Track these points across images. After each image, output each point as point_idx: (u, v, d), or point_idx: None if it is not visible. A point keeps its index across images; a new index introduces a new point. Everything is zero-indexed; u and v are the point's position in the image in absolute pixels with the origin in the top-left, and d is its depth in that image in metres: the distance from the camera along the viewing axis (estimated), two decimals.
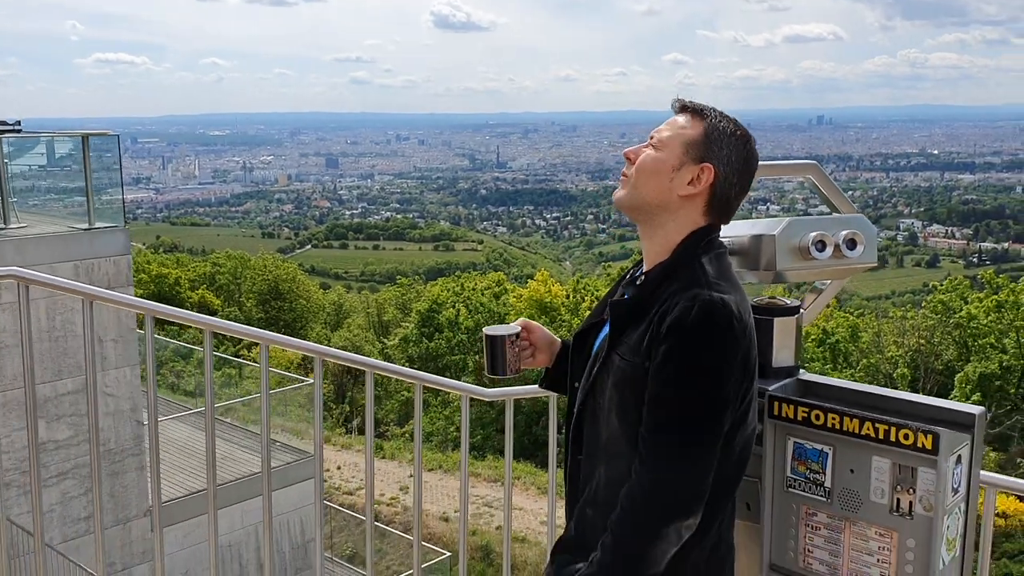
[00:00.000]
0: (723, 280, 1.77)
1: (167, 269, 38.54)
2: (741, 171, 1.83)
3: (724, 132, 1.81)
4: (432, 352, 28.32)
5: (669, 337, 1.69)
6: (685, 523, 1.72)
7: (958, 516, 1.89)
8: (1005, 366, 23.94)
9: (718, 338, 1.70)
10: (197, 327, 2.75)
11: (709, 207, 1.83)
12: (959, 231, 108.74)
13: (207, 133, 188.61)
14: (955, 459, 1.84)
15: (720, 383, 1.71)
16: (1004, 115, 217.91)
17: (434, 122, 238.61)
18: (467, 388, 2.83)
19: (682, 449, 1.71)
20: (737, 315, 1.71)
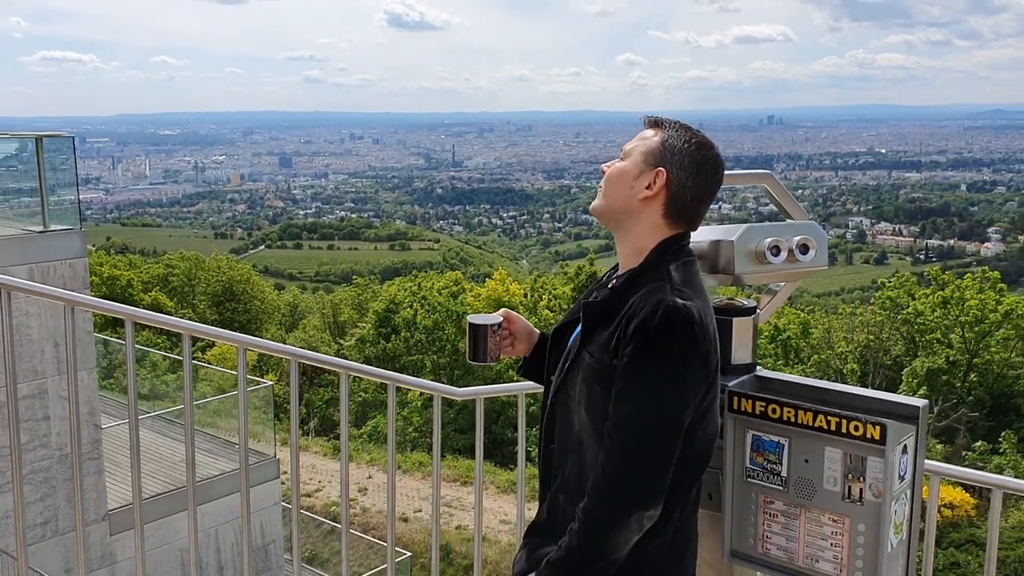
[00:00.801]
0: (687, 287, 1.87)
1: (119, 271, 37.95)
2: (695, 175, 1.91)
3: (679, 139, 1.92)
4: (390, 353, 28.21)
5: (634, 339, 1.80)
6: (646, 513, 1.83)
7: (904, 502, 2.03)
8: (951, 361, 24.51)
9: (678, 341, 1.80)
10: (175, 331, 2.80)
11: (667, 210, 1.93)
12: (906, 229, 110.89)
13: (158, 132, 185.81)
14: (901, 449, 1.97)
15: (680, 383, 1.82)
16: (949, 115, 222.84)
17: (389, 121, 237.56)
18: (439, 388, 2.89)
19: (644, 444, 1.81)
20: (698, 320, 1.81)
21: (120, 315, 2.61)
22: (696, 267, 1.96)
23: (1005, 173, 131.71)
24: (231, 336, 2.80)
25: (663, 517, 1.87)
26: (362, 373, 3.06)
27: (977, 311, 24.74)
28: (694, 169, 1.91)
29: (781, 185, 2.30)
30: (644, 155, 1.94)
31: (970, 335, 24.86)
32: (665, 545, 1.93)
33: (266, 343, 2.97)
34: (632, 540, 1.84)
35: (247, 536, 3.00)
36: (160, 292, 37.54)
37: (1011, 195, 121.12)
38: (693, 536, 2.02)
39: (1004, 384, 24.92)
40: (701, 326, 1.82)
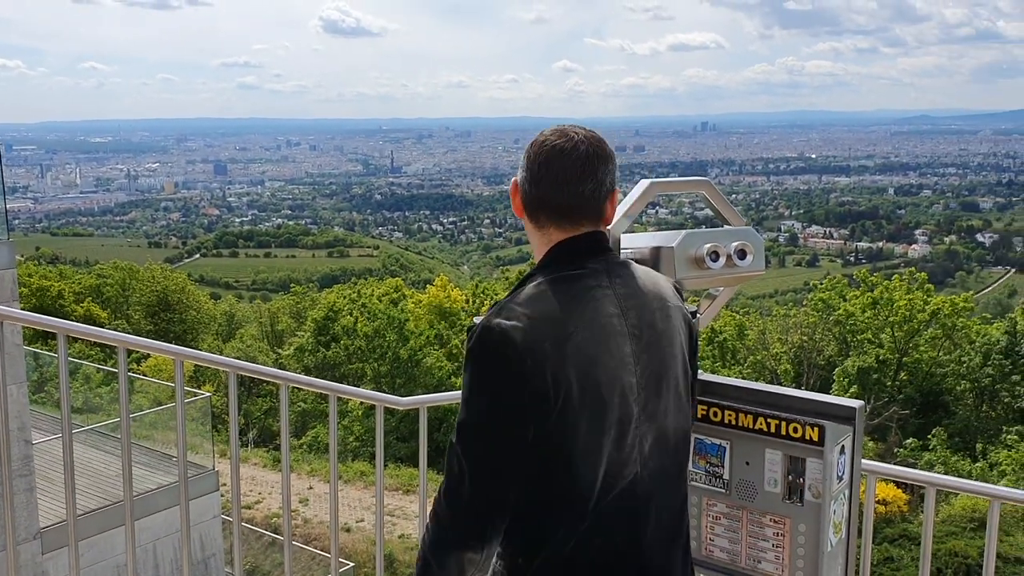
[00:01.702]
0: (522, 304, 1.75)
1: (49, 282, 36.92)
2: (530, 171, 1.86)
3: (530, 144, 1.90)
4: (330, 361, 27.94)
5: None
6: (465, 555, 1.75)
7: (843, 502, 2.07)
8: (881, 360, 25.15)
9: (485, 363, 1.73)
10: (110, 344, 2.73)
11: (525, 215, 1.90)
12: (837, 231, 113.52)
13: (88, 140, 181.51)
14: (839, 449, 2.02)
15: (485, 409, 1.73)
16: (876, 120, 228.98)
17: (326, 127, 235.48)
18: (381, 398, 2.86)
19: (454, 480, 1.73)
20: (510, 340, 1.69)
21: (53, 329, 2.54)
22: (563, 282, 1.80)
23: (931, 177, 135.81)
24: (167, 348, 2.75)
25: (527, 553, 1.78)
26: (302, 384, 3.02)
27: (905, 311, 25.44)
28: (529, 166, 1.86)
29: (719, 192, 2.34)
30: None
31: (899, 335, 25.54)
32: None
33: (203, 355, 2.93)
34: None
35: (187, 551, 2.94)
36: (93, 303, 36.62)
37: (937, 198, 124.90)
38: (589, 566, 1.80)
39: (933, 382, 25.65)
40: (512, 345, 1.69)
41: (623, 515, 1.79)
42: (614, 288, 1.82)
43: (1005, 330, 25.08)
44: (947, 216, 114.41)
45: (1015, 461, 19.42)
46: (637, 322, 1.81)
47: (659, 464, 1.82)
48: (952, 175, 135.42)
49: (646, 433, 1.80)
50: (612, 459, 1.76)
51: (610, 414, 1.76)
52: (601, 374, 1.75)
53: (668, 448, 1.84)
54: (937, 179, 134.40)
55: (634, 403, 1.78)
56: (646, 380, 1.80)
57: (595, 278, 1.82)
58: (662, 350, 1.84)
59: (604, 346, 1.76)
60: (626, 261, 1.93)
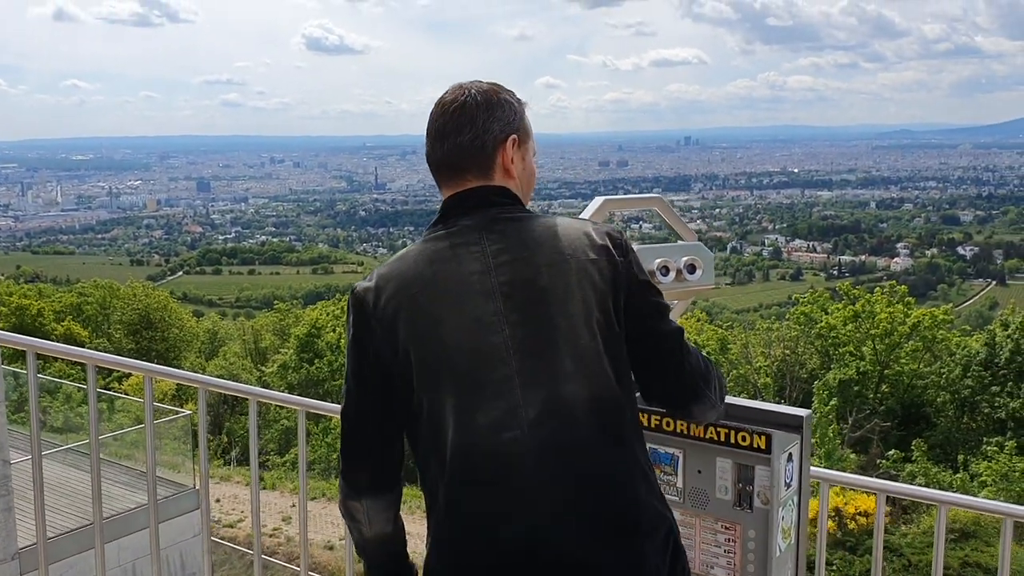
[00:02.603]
0: (385, 266, 1.84)
1: (28, 300, 36.70)
2: (426, 131, 1.92)
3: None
4: (313, 378, 27.88)
5: None
6: (350, 503, 1.87)
7: (792, 508, 2.14)
8: (862, 372, 25.29)
9: (348, 324, 1.84)
10: (78, 361, 2.77)
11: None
12: (820, 245, 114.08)
13: (69, 158, 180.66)
14: (786, 457, 2.08)
15: (348, 363, 1.84)
16: (857, 135, 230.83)
17: (309, 144, 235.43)
18: None
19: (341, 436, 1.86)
20: (362, 301, 1.79)
21: (21, 347, 2.57)
22: (432, 240, 1.84)
23: (912, 190, 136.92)
24: (137, 365, 2.79)
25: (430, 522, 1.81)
26: (272, 400, 3.06)
27: (887, 324, 25.61)
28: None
29: (671, 208, 2.41)
30: None
31: (880, 347, 25.70)
32: (430, 559, 1.83)
33: (174, 371, 2.97)
34: (358, 534, 1.90)
35: (157, 571, 2.97)
36: (73, 322, 36.40)
37: (918, 212, 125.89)
38: (444, 543, 1.79)
39: (914, 394, 25.81)
40: (364, 304, 1.79)
41: (496, 481, 1.71)
42: (484, 245, 1.77)
43: (984, 342, 25.29)
44: (928, 229, 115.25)
45: (995, 472, 19.55)
46: (509, 279, 1.74)
47: (555, 432, 1.71)
48: (933, 189, 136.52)
49: (532, 396, 1.71)
50: (472, 422, 1.71)
51: (460, 375, 1.72)
52: (447, 335, 1.73)
53: (567, 414, 1.72)
54: (918, 193, 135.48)
55: (503, 365, 1.71)
56: (520, 341, 1.72)
57: (464, 235, 1.79)
58: (546, 308, 1.74)
59: (454, 306, 1.74)
60: (517, 215, 1.83)
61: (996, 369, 24.25)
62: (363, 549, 1.93)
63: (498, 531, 1.71)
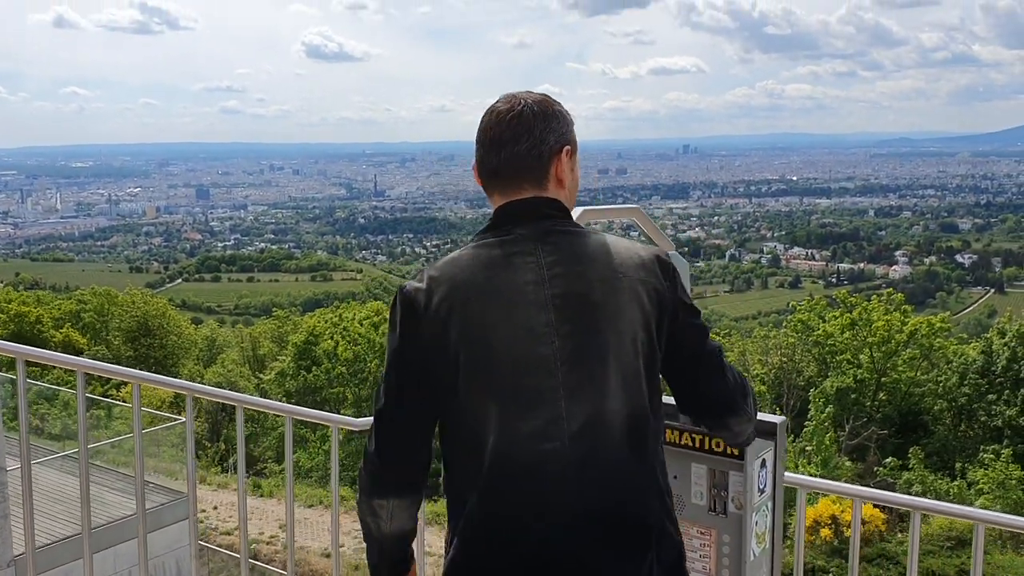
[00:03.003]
0: (436, 269, 1.82)
1: (27, 307, 36.69)
2: (478, 140, 1.91)
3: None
4: (310, 385, 27.86)
5: None
6: (376, 501, 1.85)
7: (766, 513, 2.17)
8: (859, 380, 25.30)
9: (393, 321, 1.81)
10: (67, 368, 2.80)
11: (484, 189, 1.93)
12: (818, 253, 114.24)
13: (69, 165, 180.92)
14: (760, 463, 2.12)
15: (392, 362, 1.81)
16: (855, 143, 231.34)
17: (309, 152, 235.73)
18: (338, 419, 2.94)
19: (373, 423, 1.85)
20: (412, 302, 1.77)
21: (10, 354, 2.60)
22: (486, 247, 1.83)
23: (910, 198, 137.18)
24: (124, 372, 2.82)
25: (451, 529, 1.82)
26: (257, 406, 3.09)
27: (884, 332, 25.63)
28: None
29: (648, 218, 2.45)
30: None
31: (878, 355, 25.71)
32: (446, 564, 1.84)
33: (160, 378, 3.00)
34: (376, 528, 1.87)
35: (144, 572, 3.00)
36: (72, 329, 36.41)
37: (916, 219, 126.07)
38: (468, 556, 1.80)
39: (911, 402, 25.82)
40: (415, 305, 1.77)
41: (532, 490, 1.73)
42: (540, 256, 1.78)
43: (981, 350, 25.31)
44: (927, 237, 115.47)
45: (992, 480, 19.56)
46: (562, 292, 1.75)
47: (593, 446, 1.73)
48: (931, 197, 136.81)
49: (576, 409, 1.73)
50: (513, 429, 1.73)
51: (506, 382, 1.73)
52: (497, 342, 1.73)
53: (607, 431, 1.74)
54: (917, 201, 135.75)
55: (550, 376, 1.73)
56: (569, 353, 1.73)
57: (519, 244, 1.79)
58: (597, 322, 1.76)
59: (506, 314, 1.74)
60: (572, 228, 1.85)
61: (993, 377, 24.27)
62: (378, 542, 1.91)
63: (528, 538, 1.73)
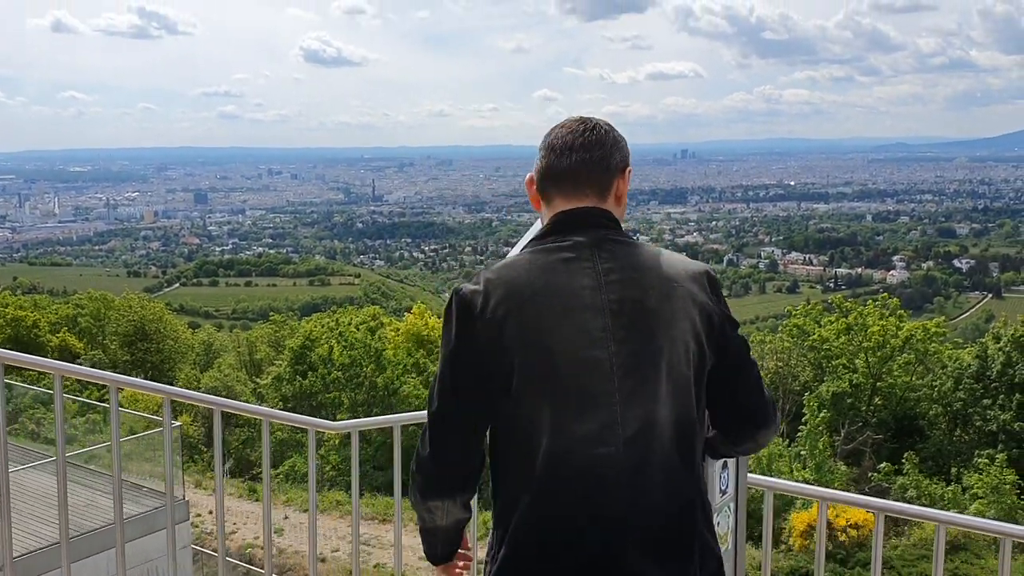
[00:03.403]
0: (492, 271, 1.85)
1: (24, 312, 36.67)
2: (544, 147, 1.95)
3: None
4: (306, 390, 27.83)
5: None
6: (431, 503, 1.90)
7: (728, 514, 2.20)
8: (855, 384, 25.32)
9: (448, 323, 1.84)
10: (43, 371, 2.82)
11: (539, 194, 1.98)
12: (816, 258, 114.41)
13: (67, 169, 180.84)
14: (721, 464, 2.14)
15: (447, 364, 1.83)
16: (853, 148, 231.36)
17: (307, 156, 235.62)
18: (312, 422, 2.97)
19: (426, 425, 1.87)
20: (468, 303, 1.80)
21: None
22: (544, 252, 1.86)
23: (908, 203, 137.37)
24: (101, 375, 2.84)
25: (495, 526, 1.85)
26: (234, 409, 3.12)
27: (879, 337, 25.64)
28: (542, 145, 1.97)
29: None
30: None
31: (873, 360, 25.72)
32: (488, 565, 1.87)
33: (139, 382, 3.02)
34: (431, 522, 1.94)
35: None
36: (69, 333, 36.40)
37: (914, 224, 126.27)
38: (518, 560, 1.81)
39: (907, 407, 25.83)
40: (471, 307, 1.80)
41: (585, 493, 1.76)
42: (596, 262, 1.82)
43: (976, 354, 25.34)
44: (924, 242, 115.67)
45: (986, 484, 19.59)
46: (619, 298, 1.79)
47: (646, 452, 1.77)
48: (929, 202, 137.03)
49: (630, 415, 1.76)
50: (568, 432, 1.75)
51: (563, 384, 1.76)
52: (555, 344, 1.76)
53: (659, 437, 1.78)
54: (914, 206, 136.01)
55: (606, 380, 1.76)
56: (625, 358, 1.76)
57: (576, 250, 1.83)
58: (652, 329, 1.79)
59: (566, 317, 1.77)
60: (625, 239, 1.89)
61: (988, 382, 24.30)
62: (433, 534, 1.98)
63: (581, 541, 1.76)
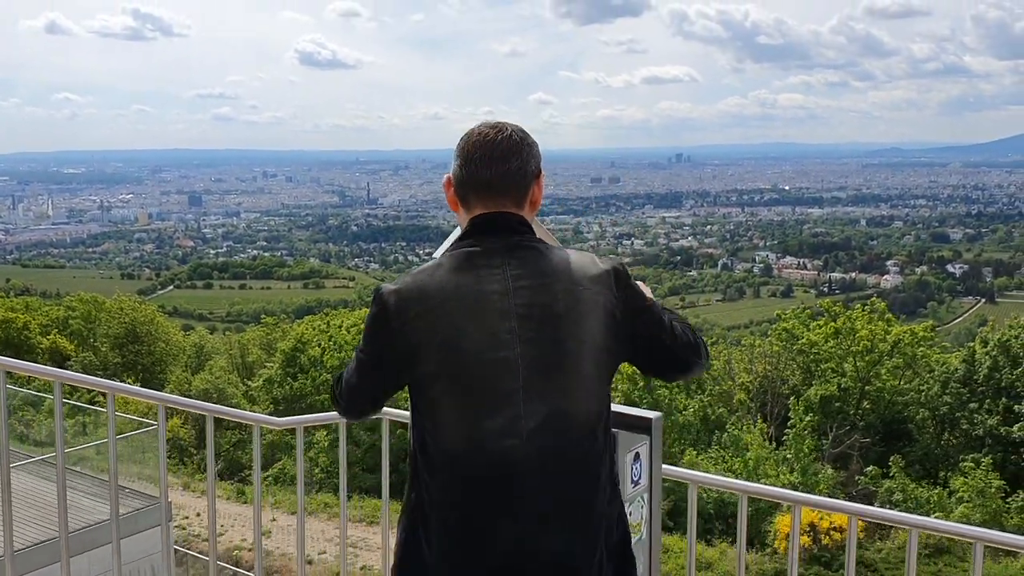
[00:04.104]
0: (411, 275, 2.03)
1: (15, 314, 36.61)
2: (463, 156, 2.07)
3: (462, 137, 2.11)
4: (297, 393, 27.87)
5: None
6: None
7: (641, 505, 2.27)
8: (843, 388, 25.40)
9: (368, 319, 2.04)
10: (47, 379, 2.87)
11: (457, 200, 2.11)
12: (810, 262, 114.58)
13: (61, 171, 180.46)
14: (633, 456, 2.22)
15: (362, 354, 2.08)
16: (847, 152, 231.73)
17: (302, 159, 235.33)
18: (256, 418, 3.03)
19: (338, 394, 2.22)
20: (385, 302, 1.98)
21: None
22: (458, 257, 2.00)
23: (902, 208, 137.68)
24: (100, 383, 2.89)
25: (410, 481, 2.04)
26: (179, 405, 3.18)
27: (867, 341, 25.72)
28: (458, 151, 2.09)
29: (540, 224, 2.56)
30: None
31: (861, 364, 25.80)
32: (404, 511, 2.05)
33: (137, 390, 3.09)
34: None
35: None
36: (59, 335, 36.35)
37: (908, 229, 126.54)
38: (424, 514, 1.97)
39: (895, 410, 25.91)
40: (382, 306, 1.99)
41: (493, 483, 1.89)
42: (506, 268, 1.95)
43: (963, 359, 25.42)
44: (918, 247, 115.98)
45: (971, 488, 19.67)
46: (527, 302, 1.92)
47: (550, 444, 1.89)
48: (923, 207, 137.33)
49: (533, 410, 1.89)
50: (479, 426, 1.89)
51: (473, 383, 1.90)
52: (465, 344, 1.90)
53: (565, 430, 1.91)
54: (908, 211, 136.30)
55: (512, 378, 1.89)
56: (531, 359, 1.90)
57: (488, 257, 1.97)
58: (557, 331, 1.92)
59: (474, 320, 1.91)
60: (536, 244, 2.02)
61: (975, 386, 24.38)
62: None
63: (494, 530, 1.89)
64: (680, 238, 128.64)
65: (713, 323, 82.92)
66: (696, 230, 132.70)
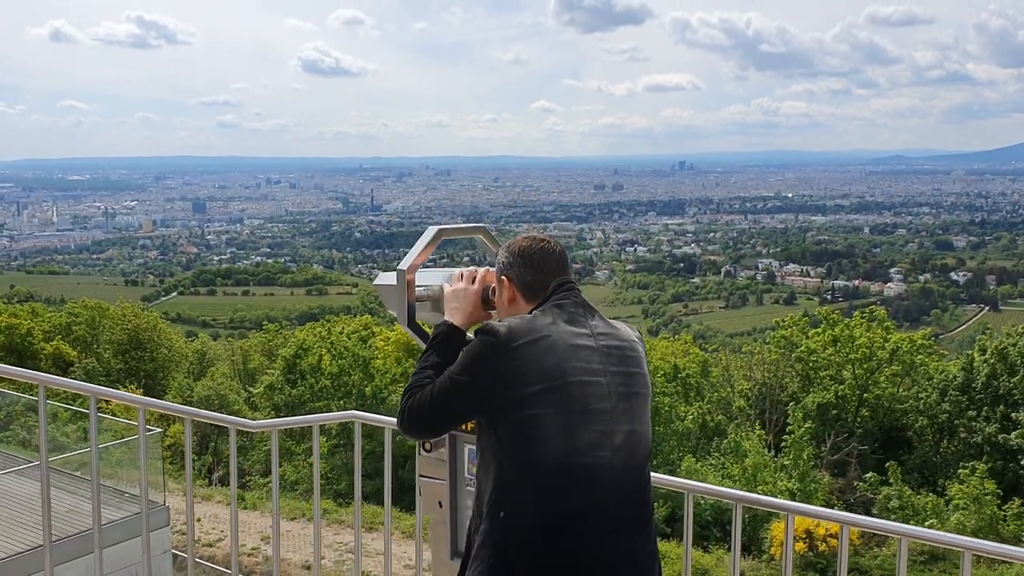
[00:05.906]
0: (515, 318, 2.43)
1: (19, 320, 36.73)
2: (529, 265, 2.54)
3: (518, 246, 2.57)
4: (296, 399, 27.93)
5: None
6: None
7: None
8: (841, 396, 25.42)
9: (474, 344, 2.38)
10: (28, 382, 2.99)
11: (520, 296, 2.56)
12: (813, 270, 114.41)
13: (66, 178, 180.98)
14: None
15: (463, 371, 2.37)
16: (850, 160, 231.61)
17: (306, 166, 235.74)
18: (232, 420, 3.13)
19: (421, 401, 2.47)
20: (495, 332, 2.34)
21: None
22: (554, 305, 2.46)
23: (905, 216, 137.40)
24: (82, 386, 3.00)
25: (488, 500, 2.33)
26: (159, 408, 3.29)
27: (866, 348, 25.75)
28: (520, 259, 2.54)
29: (492, 236, 2.68)
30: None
31: (860, 371, 25.83)
32: (476, 529, 2.37)
33: (118, 393, 3.18)
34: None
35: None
36: (63, 341, 36.47)
37: (911, 237, 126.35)
38: (506, 535, 2.29)
39: (893, 418, 25.91)
40: (492, 335, 2.35)
41: (585, 487, 2.26)
42: (587, 319, 2.42)
43: (962, 366, 25.42)
44: (921, 255, 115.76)
45: (967, 495, 19.68)
46: (607, 346, 2.38)
47: (628, 457, 2.32)
48: (926, 214, 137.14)
49: (618, 427, 2.31)
50: (576, 438, 2.27)
51: (574, 401, 2.28)
52: (568, 368, 2.30)
53: (636, 446, 2.35)
54: (911, 218, 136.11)
55: (603, 400, 2.31)
56: (615, 388, 2.33)
57: (574, 308, 2.44)
58: (629, 371, 2.39)
59: (573, 351, 2.32)
60: (592, 305, 2.50)
61: (973, 394, 24.38)
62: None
63: (583, 526, 2.26)
64: (683, 245, 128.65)
65: (716, 330, 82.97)
66: (699, 237, 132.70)
